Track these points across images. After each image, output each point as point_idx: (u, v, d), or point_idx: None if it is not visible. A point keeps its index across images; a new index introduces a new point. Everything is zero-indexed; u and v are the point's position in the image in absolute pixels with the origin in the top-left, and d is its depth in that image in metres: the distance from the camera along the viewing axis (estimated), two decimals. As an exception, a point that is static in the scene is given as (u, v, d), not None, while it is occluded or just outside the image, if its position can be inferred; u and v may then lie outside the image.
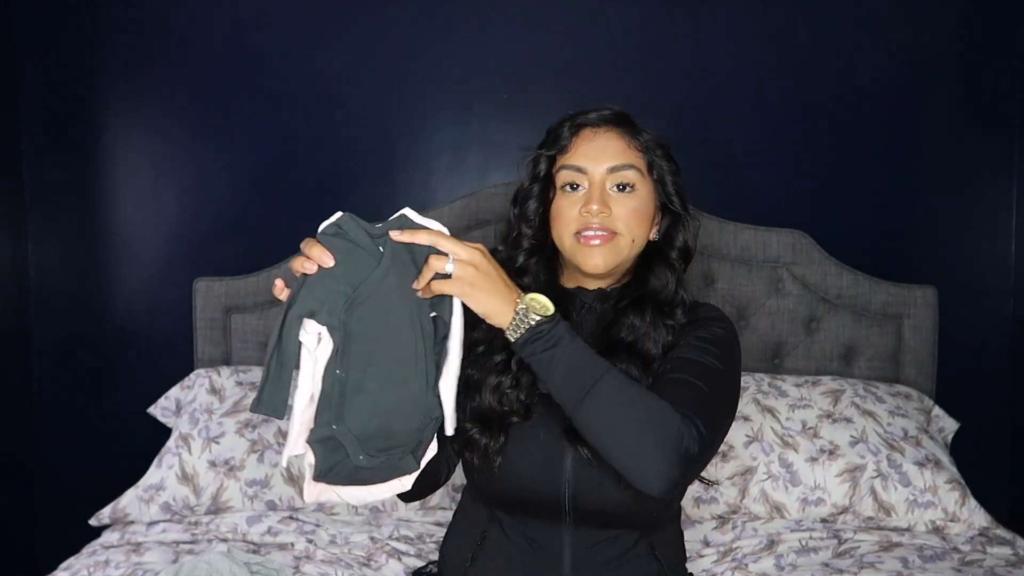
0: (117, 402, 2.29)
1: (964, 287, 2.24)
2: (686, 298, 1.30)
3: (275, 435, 1.84)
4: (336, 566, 1.57)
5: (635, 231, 1.25)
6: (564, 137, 1.28)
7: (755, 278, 2.11)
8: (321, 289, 1.03)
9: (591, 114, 1.29)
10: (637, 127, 1.29)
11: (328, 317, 1.03)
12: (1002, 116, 2.23)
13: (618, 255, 1.25)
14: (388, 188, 2.26)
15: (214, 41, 2.23)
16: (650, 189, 1.28)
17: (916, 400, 2.00)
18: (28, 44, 2.23)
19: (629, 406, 1.08)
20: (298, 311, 1.03)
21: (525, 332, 1.08)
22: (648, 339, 1.24)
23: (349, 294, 1.03)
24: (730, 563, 1.64)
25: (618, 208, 1.24)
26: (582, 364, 1.09)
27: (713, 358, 1.21)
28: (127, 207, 2.27)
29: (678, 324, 1.27)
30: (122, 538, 1.70)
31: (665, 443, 1.07)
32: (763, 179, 2.24)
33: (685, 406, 1.11)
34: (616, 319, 1.26)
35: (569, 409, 1.10)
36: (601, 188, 1.25)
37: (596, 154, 1.26)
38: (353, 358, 1.05)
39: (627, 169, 1.25)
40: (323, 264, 1.03)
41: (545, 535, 1.25)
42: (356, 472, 1.10)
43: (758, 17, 2.22)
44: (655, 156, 1.28)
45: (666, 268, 1.30)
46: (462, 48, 2.24)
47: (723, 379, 1.21)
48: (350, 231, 1.05)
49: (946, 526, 1.74)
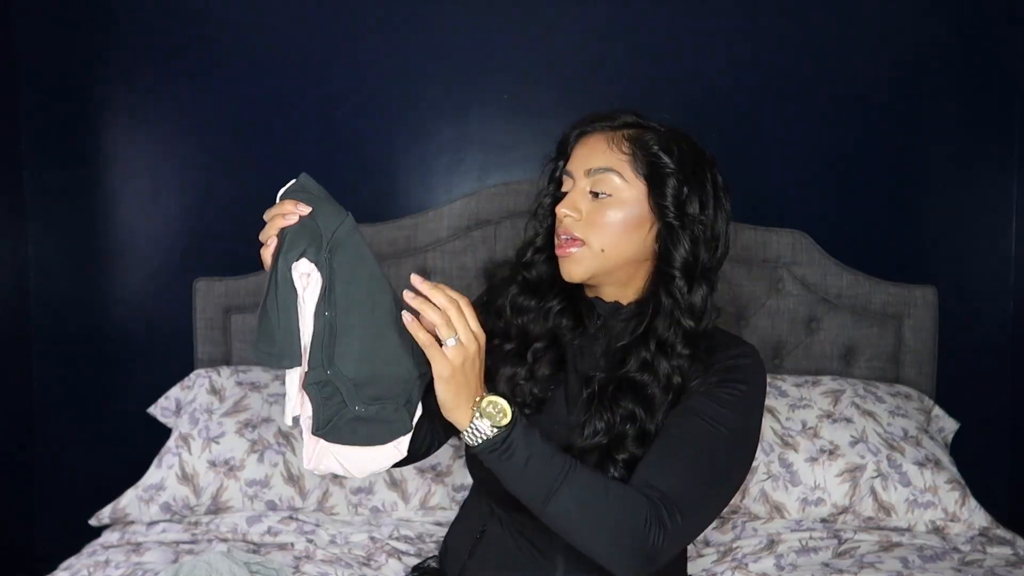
0: (117, 402, 2.29)
1: (964, 287, 2.24)
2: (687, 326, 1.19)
3: (275, 435, 1.84)
4: (336, 566, 1.57)
5: (605, 239, 1.18)
6: (568, 143, 1.27)
7: (755, 278, 2.11)
8: (303, 232, 1.06)
9: (597, 119, 1.25)
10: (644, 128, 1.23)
11: (316, 254, 1.07)
12: (1002, 116, 2.23)
13: (590, 264, 1.20)
14: (388, 188, 2.26)
15: (214, 41, 2.23)
16: (640, 193, 1.19)
17: (916, 400, 2.00)
18: (28, 44, 2.23)
19: (591, 511, 1.08)
20: (287, 256, 1.06)
21: (482, 442, 1.07)
22: (654, 381, 1.18)
23: (328, 237, 1.07)
24: (730, 563, 1.64)
25: (590, 214, 1.19)
26: (540, 471, 1.08)
27: (722, 425, 1.14)
28: (127, 207, 2.27)
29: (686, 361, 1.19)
30: (122, 538, 1.69)
31: (629, 546, 1.07)
32: (763, 179, 2.24)
33: (666, 491, 1.09)
34: (628, 351, 1.21)
35: (534, 512, 1.10)
36: (580, 192, 1.21)
37: (581, 158, 1.23)
38: (339, 298, 1.08)
39: (603, 172, 1.19)
40: (300, 213, 1.06)
41: (540, 535, 1.25)
42: (354, 428, 1.10)
43: (757, 17, 2.22)
44: (653, 158, 1.19)
45: (665, 292, 1.20)
46: (462, 48, 2.24)
47: (728, 454, 1.16)
48: (311, 187, 1.10)
49: (946, 526, 1.74)
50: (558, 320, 1.27)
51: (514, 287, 1.30)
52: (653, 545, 1.07)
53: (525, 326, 1.27)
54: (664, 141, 1.20)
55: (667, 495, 1.10)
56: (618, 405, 1.18)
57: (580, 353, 1.27)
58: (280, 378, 1.99)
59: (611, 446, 1.17)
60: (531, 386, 1.23)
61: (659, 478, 1.11)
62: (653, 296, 1.22)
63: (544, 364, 1.25)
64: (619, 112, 1.25)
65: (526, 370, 1.24)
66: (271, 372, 2.00)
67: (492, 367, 1.24)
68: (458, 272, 2.10)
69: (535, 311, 1.28)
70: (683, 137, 1.24)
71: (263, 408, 1.89)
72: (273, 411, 1.89)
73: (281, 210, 1.07)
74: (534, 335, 1.27)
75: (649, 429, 1.17)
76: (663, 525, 1.08)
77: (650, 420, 1.17)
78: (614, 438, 1.18)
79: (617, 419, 1.18)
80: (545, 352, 1.26)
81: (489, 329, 1.24)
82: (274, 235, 1.07)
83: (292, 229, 1.07)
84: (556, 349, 1.27)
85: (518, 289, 1.29)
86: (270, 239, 1.08)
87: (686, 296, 1.20)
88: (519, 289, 1.29)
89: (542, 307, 1.28)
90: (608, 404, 1.19)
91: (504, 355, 1.26)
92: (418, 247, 2.13)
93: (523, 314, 1.28)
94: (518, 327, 1.27)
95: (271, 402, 1.90)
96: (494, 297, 1.33)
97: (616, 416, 1.18)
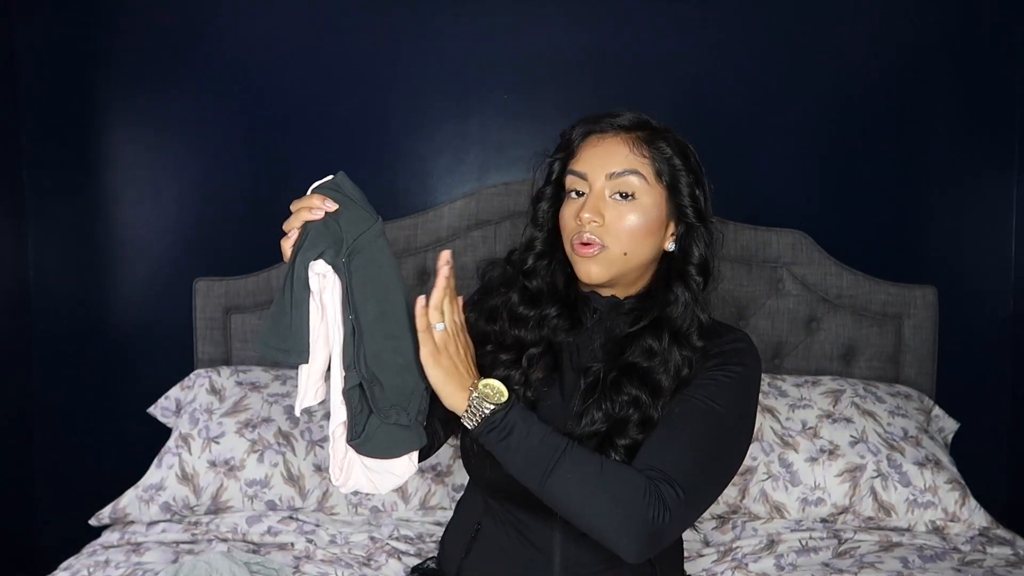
0: (117, 402, 2.29)
1: (964, 287, 2.24)
2: (703, 320, 1.23)
3: (275, 435, 1.84)
4: (336, 566, 1.57)
5: (628, 244, 1.20)
6: (574, 142, 1.27)
7: (755, 278, 2.11)
8: (326, 232, 1.07)
9: (603, 119, 1.25)
10: (655, 131, 1.24)
11: (334, 258, 1.07)
12: (1002, 116, 2.23)
13: (611, 266, 1.21)
14: (388, 188, 2.26)
15: (214, 40, 2.23)
16: (659, 197, 1.21)
17: (916, 400, 2.00)
18: (28, 45, 2.23)
19: (590, 487, 1.09)
20: (305, 255, 1.06)
21: (481, 422, 1.10)
22: (662, 369, 1.19)
23: (349, 243, 1.08)
24: (730, 563, 1.64)
25: (612, 218, 1.20)
26: (538, 449, 1.10)
27: (721, 407, 1.16)
28: (127, 207, 2.27)
29: (695, 354, 1.21)
30: (122, 538, 1.69)
31: (630, 521, 1.07)
32: (763, 179, 2.24)
33: (667, 469, 1.10)
34: (631, 340, 1.22)
35: (534, 492, 1.12)
36: (599, 196, 1.21)
37: (598, 160, 1.22)
38: (357, 303, 1.09)
39: (627, 175, 1.20)
40: (328, 209, 1.07)
41: (536, 530, 1.26)
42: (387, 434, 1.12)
43: (757, 17, 2.22)
44: (669, 162, 1.21)
45: (683, 286, 1.23)
46: (462, 48, 2.24)
47: (725, 432, 1.17)
48: (346, 187, 1.10)
49: (946, 526, 1.74)
50: (553, 324, 1.28)
51: (514, 295, 1.30)
52: (655, 522, 1.07)
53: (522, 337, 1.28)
54: (676, 144, 1.23)
55: (668, 473, 1.10)
56: (620, 392, 1.19)
57: (576, 349, 1.27)
58: (280, 378, 1.99)
59: (612, 431, 1.18)
60: (525, 389, 1.24)
61: (659, 458, 1.12)
62: (666, 290, 1.24)
63: (539, 368, 1.26)
64: (622, 111, 1.25)
65: (520, 374, 1.25)
66: (271, 372, 2.01)
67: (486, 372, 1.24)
68: (458, 272, 2.09)
69: (532, 319, 1.28)
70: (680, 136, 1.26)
71: (263, 408, 1.89)
72: (273, 411, 1.89)
73: (309, 203, 1.07)
74: (530, 342, 1.27)
75: (652, 416, 1.18)
76: (664, 502, 1.08)
77: (654, 407, 1.18)
78: (616, 423, 1.18)
79: (618, 406, 1.18)
80: (540, 357, 1.27)
81: (480, 331, 1.27)
82: (297, 227, 1.08)
83: (315, 227, 1.07)
84: (551, 353, 1.28)
85: (519, 298, 1.29)
86: (292, 230, 1.08)
87: (701, 289, 1.24)
88: (519, 298, 1.29)
89: (538, 315, 1.28)
90: (609, 392, 1.19)
91: (499, 362, 1.26)
92: (418, 247, 2.13)
93: (521, 325, 1.28)
94: (514, 337, 1.28)
95: (271, 402, 1.90)
96: (486, 297, 1.34)
97: (617, 403, 1.18)
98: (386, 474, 1.15)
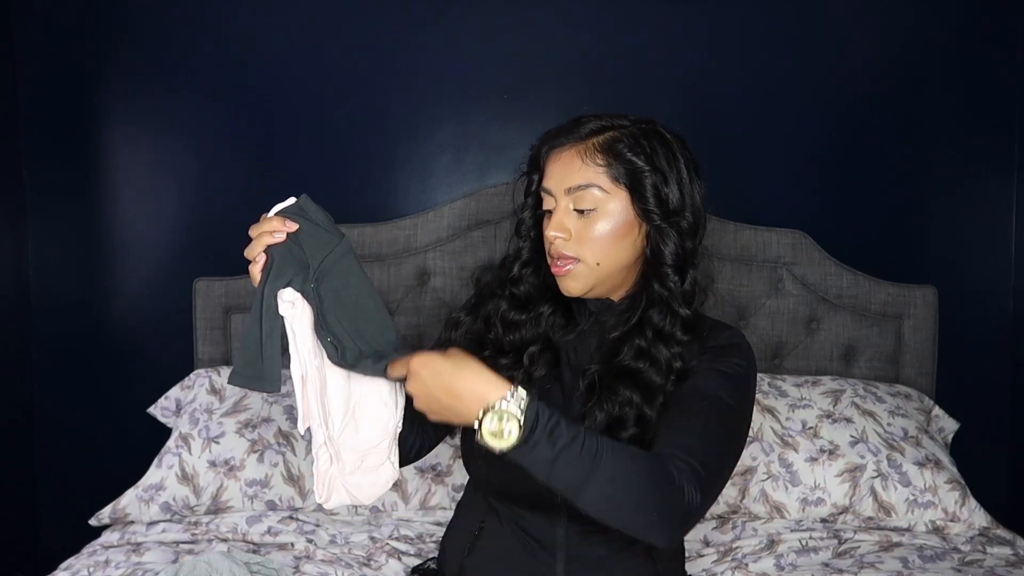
0: (117, 402, 2.29)
1: (964, 287, 2.24)
2: (684, 315, 1.22)
3: (275, 435, 1.84)
4: (336, 566, 1.57)
5: (599, 253, 1.20)
6: (540, 158, 1.26)
7: (755, 278, 2.11)
8: (291, 259, 1.07)
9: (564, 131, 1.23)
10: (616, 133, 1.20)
11: (302, 284, 1.07)
12: (1002, 116, 2.23)
13: (587, 278, 1.21)
14: (388, 188, 2.26)
15: (214, 41, 2.23)
16: (623, 200, 1.20)
17: (916, 400, 2.00)
18: (28, 44, 2.23)
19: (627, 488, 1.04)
20: (274, 284, 1.06)
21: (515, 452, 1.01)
22: (653, 369, 1.19)
23: (315, 266, 1.08)
24: (730, 563, 1.64)
25: (579, 230, 1.20)
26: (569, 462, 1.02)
27: (727, 395, 1.17)
28: (127, 207, 2.27)
29: (685, 348, 1.21)
30: (122, 538, 1.69)
31: (670, 512, 1.05)
32: (763, 179, 2.24)
33: (687, 452, 1.09)
34: (623, 340, 1.22)
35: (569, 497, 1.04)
36: (564, 211, 1.21)
37: (557, 176, 1.22)
38: (331, 325, 1.09)
39: (583, 189, 1.19)
40: (288, 230, 1.07)
41: (539, 529, 1.26)
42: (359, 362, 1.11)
43: (757, 17, 2.22)
44: (628, 164, 1.19)
45: (660, 285, 1.22)
46: (462, 48, 2.24)
47: (733, 418, 1.19)
48: (310, 210, 1.10)
49: (946, 526, 1.74)
50: (550, 321, 1.29)
51: (503, 303, 1.30)
52: (690, 504, 1.06)
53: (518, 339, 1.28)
54: (633, 141, 1.20)
55: (690, 453, 1.09)
56: (616, 394, 1.19)
57: (573, 349, 1.28)
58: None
59: (612, 428, 1.18)
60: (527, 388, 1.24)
61: (677, 441, 1.11)
62: (646, 289, 1.23)
63: (540, 366, 1.27)
64: (582, 119, 1.23)
65: (522, 372, 1.25)
66: (271, 372, 2.00)
67: None
68: (458, 272, 2.10)
69: (527, 321, 1.29)
70: (650, 128, 1.22)
71: (263, 408, 1.89)
72: (273, 411, 1.89)
73: (269, 227, 1.07)
74: (528, 340, 1.28)
75: (647, 414, 1.18)
76: (697, 480, 1.07)
77: (648, 405, 1.18)
78: (614, 421, 1.19)
79: (616, 407, 1.19)
80: (540, 355, 1.28)
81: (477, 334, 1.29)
82: (262, 251, 1.07)
83: (279, 252, 1.06)
84: (550, 351, 1.29)
85: (508, 305, 1.30)
86: (258, 255, 1.07)
87: (679, 287, 1.22)
88: (508, 305, 1.30)
89: (532, 315, 1.29)
90: (607, 394, 1.20)
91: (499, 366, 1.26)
92: (418, 247, 2.13)
93: (516, 330, 1.29)
94: (511, 342, 1.28)
95: (271, 402, 1.90)
96: (482, 301, 1.35)
97: (615, 404, 1.19)
98: (368, 486, 1.15)
